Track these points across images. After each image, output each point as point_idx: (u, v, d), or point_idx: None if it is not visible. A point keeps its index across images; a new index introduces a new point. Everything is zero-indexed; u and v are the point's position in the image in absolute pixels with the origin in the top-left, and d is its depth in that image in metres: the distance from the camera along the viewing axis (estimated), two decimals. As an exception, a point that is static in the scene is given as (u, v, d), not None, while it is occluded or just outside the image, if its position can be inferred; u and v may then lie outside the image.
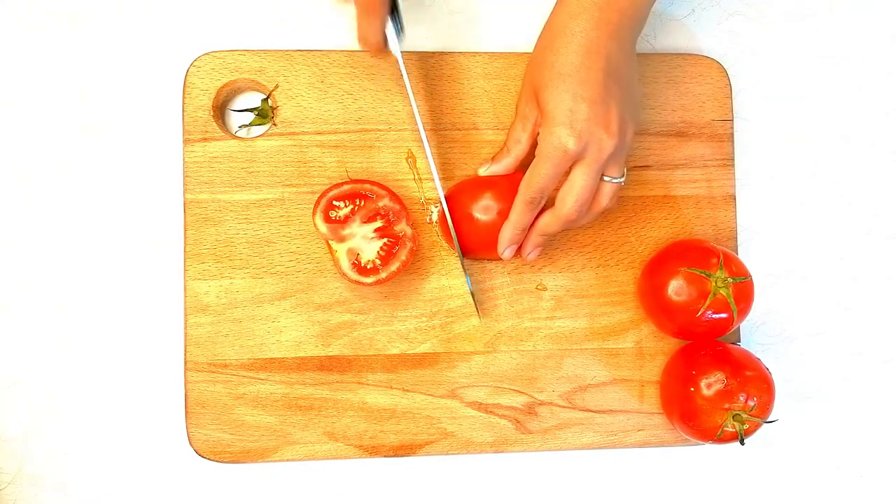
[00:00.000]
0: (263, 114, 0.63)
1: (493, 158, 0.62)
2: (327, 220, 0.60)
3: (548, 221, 0.59)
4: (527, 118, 0.59)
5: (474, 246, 0.62)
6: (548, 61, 0.56)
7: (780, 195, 0.68)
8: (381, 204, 0.60)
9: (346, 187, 0.60)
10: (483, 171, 0.62)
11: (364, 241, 0.60)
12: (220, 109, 0.64)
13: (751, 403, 0.58)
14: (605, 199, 0.59)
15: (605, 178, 0.58)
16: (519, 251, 0.61)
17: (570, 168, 0.57)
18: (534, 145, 0.59)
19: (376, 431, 0.63)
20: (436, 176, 0.61)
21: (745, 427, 0.58)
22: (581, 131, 0.55)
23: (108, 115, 0.64)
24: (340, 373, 0.63)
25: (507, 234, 0.59)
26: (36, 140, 0.63)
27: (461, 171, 0.64)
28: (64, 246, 0.63)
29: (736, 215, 0.67)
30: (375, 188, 0.60)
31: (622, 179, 0.59)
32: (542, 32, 0.58)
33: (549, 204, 0.59)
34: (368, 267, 0.60)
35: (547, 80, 0.56)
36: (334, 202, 0.60)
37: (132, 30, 0.64)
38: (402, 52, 0.59)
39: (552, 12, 0.58)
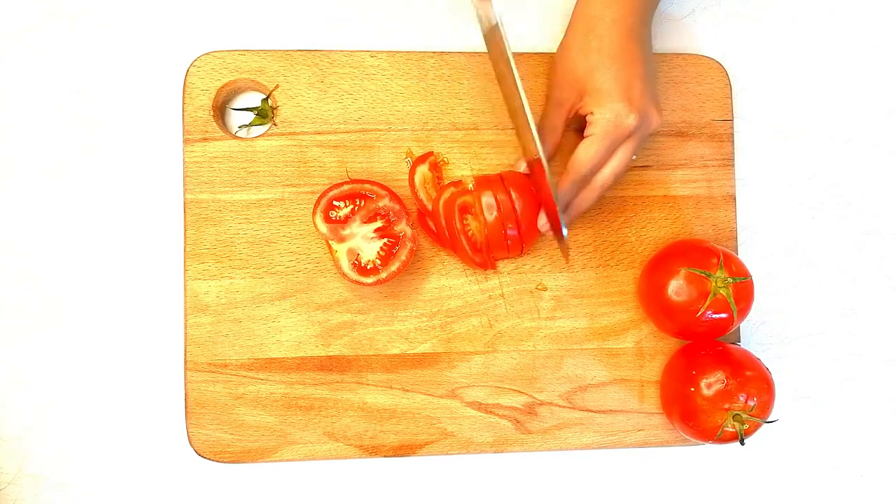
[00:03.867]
0: (263, 114, 0.63)
1: (528, 151, 0.61)
2: (327, 220, 0.60)
3: (584, 196, 0.60)
4: (562, 104, 0.61)
5: (491, 245, 0.61)
6: (593, 46, 0.59)
7: (780, 195, 0.68)
8: (381, 204, 0.60)
9: (346, 187, 0.60)
10: (524, 168, 0.62)
11: (364, 241, 0.60)
12: (220, 109, 0.64)
13: (751, 403, 0.58)
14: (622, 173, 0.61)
15: None
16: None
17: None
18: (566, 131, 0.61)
19: (376, 431, 0.63)
20: (535, 133, 0.58)
21: (745, 427, 0.58)
22: (639, 106, 0.58)
23: (109, 115, 0.64)
24: (340, 373, 0.63)
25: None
26: (36, 140, 0.63)
27: (461, 172, 0.64)
28: (64, 246, 0.63)
29: (736, 215, 0.67)
30: (375, 188, 0.60)
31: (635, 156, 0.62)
32: (573, 22, 0.60)
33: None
34: (368, 267, 0.60)
35: (597, 62, 0.58)
36: (334, 202, 0.60)
37: (132, 29, 0.64)
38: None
39: (579, 2, 0.60)
